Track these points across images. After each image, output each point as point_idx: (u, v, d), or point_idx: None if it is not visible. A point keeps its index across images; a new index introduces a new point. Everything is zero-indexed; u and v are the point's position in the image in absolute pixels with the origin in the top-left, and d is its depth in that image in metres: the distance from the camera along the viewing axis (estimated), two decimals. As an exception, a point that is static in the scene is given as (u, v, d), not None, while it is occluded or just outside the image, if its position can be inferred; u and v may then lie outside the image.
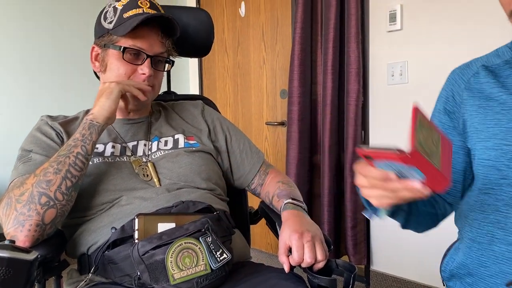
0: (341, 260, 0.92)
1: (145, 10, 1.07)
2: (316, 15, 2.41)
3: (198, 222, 0.90)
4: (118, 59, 1.07)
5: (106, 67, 1.09)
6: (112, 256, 0.92)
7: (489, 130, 0.85)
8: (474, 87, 0.90)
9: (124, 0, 1.08)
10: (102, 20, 1.09)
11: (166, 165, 1.09)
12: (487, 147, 0.84)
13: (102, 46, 1.09)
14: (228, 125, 1.28)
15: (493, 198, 0.83)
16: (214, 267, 0.86)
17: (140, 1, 1.08)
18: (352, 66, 2.20)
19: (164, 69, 1.16)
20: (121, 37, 1.05)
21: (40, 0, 2.55)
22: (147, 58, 1.07)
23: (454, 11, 1.98)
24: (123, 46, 1.05)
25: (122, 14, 1.06)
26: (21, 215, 0.88)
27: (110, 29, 1.07)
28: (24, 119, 2.36)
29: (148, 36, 1.07)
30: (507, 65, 0.88)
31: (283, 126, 2.73)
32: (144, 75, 1.07)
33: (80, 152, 0.95)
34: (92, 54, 1.12)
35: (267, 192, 1.20)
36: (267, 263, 1.16)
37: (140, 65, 1.08)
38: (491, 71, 0.90)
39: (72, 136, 0.99)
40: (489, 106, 0.86)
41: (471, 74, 0.92)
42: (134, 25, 1.01)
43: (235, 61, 3.02)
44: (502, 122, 0.83)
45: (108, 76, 1.09)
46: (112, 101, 1.01)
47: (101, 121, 1.00)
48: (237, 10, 2.95)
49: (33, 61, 2.54)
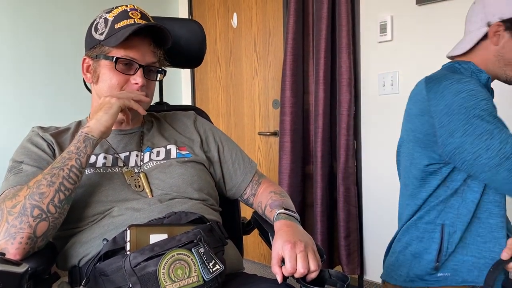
0: (334, 270, 0.92)
1: (136, 20, 1.07)
2: (307, 26, 2.44)
3: (191, 233, 0.89)
4: (110, 70, 1.07)
5: (98, 78, 1.09)
6: (104, 268, 0.91)
7: None
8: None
9: (115, 12, 1.08)
10: (93, 32, 1.09)
11: (158, 175, 1.09)
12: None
13: (94, 57, 1.09)
14: (220, 135, 1.28)
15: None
16: (206, 278, 0.86)
17: (131, 12, 1.09)
18: (344, 76, 2.22)
19: (156, 78, 1.16)
20: (113, 48, 1.05)
21: (32, 8, 2.54)
22: (139, 68, 1.08)
23: (444, 21, 2.01)
24: (115, 57, 1.05)
25: (113, 25, 1.06)
26: (12, 228, 0.87)
27: (102, 40, 1.07)
28: (15, 130, 2.34)
29: (140, 46, 1.08)
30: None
31: (275, 136, 2.74)
32: (137, 85, 1.07)
33: (74, 165, 0.95)
34: (83, 65, 1.12)
35: (260, 202, 1.20)
36: (260, 273, 1.16)
37: (133, 75, 1.08)
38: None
39: (66, 149, 0.99)
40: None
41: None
42: (126, 35, 1.01)
43: (227, 72, 3.03)
44: None
45: (100, 87, 1.09)
46: (109, 116, 1.00)
47: (96, 135, 0.99)
48: (229, 21, 2.97)
49: (25, 71, 2.53)
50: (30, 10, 2.54)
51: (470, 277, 1.14)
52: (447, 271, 1.15)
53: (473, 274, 1.13)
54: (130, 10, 1.09)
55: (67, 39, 2.68)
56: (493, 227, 1.13)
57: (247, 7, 2.85)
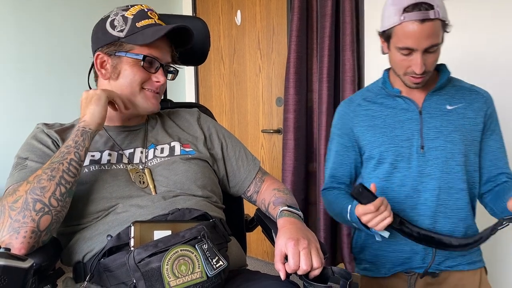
0: (337, 268, 0.92)
1: (156, 21, 1.11)
2: (311, 24, 2.43)
3: (194, 230, 0.89)
4: (133, 66, 1.09)
5: (119, 74, 1.10)
6: (108, 264, 0.91)
7: (381, 139, 1.29)
8: (361, 112, 1.33)
9: (133, 10, 1.11)
10: (110, 28, 1.10)
11: (162, 172, 1.10)
12: (382, 151, 1.29)
13: (113, 54, 1.10)
14: (224, 133, 1.28)
15: (391, 182, 1.29)
16: (210, 274, 0.86)
17: (149, 12, 1.12)
18: (347, 74, 2.22)
19: (169, 78, 1.20)
20: (136, 46, 1.08)
21: (35, 6, 2.54)
22: (160, 66, 1.11)
23: (448, 20, 1.99)
24: (143, 55, 1.08)
25: (134, 23, 1.08)
26: (16, 222, 0.88)
27: (122, 37, 1.08)
28: (20, 127, 2.35)
29: (162, 46, 1.12)
30: (379, 95, 1.34)
31: (279, 133, 2.74)
32: (159, 83, 1.12)
33: (73, 158, 0.96)
34: (97, 61, 1.12)
35: (263, 200, 1.20)
36: (263, 270, 1.16)
37: (154, 74, 1.11)
38: (369, 101, 1.34)
39: (64, 143, 1.00)
40: (376, 125, 1.30)
41: (355, 106, 1.35)
42: (160, 35, 1.05)
43: (231, 69, 3.03)
44: (387, 132, 1.29)
45: (121, 83, 1.10)
46: (102, 108, 1.03)
47: (93, 128, 1.01)
48: (233, 19, 2.97)
49: (29, 68, 2.53)
50: (34, 5, 2.54)
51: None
52: None
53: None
54: (148, 10, 1.12)
55: (71, 35, 2.68)
56: None
57: (251, 4, 2.84)
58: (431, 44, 1.15)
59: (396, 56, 1.21)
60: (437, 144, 1.25)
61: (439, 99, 1.29)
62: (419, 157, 1.26)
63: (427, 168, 1.26)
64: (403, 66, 1.21)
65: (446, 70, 1.31)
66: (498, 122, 1.33)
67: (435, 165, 1.25)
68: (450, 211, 1.26)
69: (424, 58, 1.17)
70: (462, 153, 1.25)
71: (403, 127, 1.28)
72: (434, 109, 1.28)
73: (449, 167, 1.25)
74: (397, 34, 1.17)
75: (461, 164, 1.25)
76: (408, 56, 1.18)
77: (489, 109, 1.29)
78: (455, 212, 1.26)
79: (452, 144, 1.25)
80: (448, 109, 1.28)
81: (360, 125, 1.32)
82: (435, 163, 1.25)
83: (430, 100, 1.29)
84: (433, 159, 1.25)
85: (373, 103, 1.33)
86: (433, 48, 1.16)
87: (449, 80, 1.32)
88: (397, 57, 1.21)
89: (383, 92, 1.34)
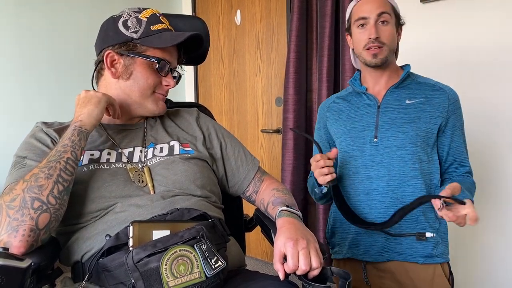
0: (336, 268, 0.92)
1: (168, 26, 1.14)
2: (311, 24, 2.43)
3: (193, 230, 0.89)
4: (146, 69, 1.11)
5: (130, 75, 1.11)
6: (106, 264, 0.91)
7: (342, 131, 1.43)
8: (332, 108, 1.49)
9: (146, 13, 1.13)
10: (122, 28, 1.10)
11: (161, 172, 1.09)
12: (341, 140, 1.42)
13: (125, 54, 1.10)
14: (223, 132, 1.28)
15: (347, 170, 1.40)
16: (209, 274, 0.86)
17: (161, 17, 1.15)
18: (347, 74, 2.22)
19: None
20: (149, 48, 1.10)
21: (35, 5, 2.54)
22: (170, 70, 1.14)
23: (448, 19, 2.00)
24: (159, 58, 1.10)
25: (149, 26, 1.11)
26: (14, 221, 0.87)
27: (136, 38, 1.09)
28: (19, 125, 2.35)
29: (173, 50, 1.15)
30: (351, 94, 1.48)
31: (278, 133, 2.74)
32: (168, 86, 1.15)
33: (70, 157, 0.96)
34: (107, 59, 1.12)
35: (262, 200, 1.20)
36: (262, 270, 1.16)
37: (165, 77, 1.14)
38: (341, 98, 1.49)
39: (59, 143, 1.00)
40: (341, 118, 1.45)
41: (330, 102, 1.52)
42: (180, 41, 1.09)
43: (230, 69, 3.03)
44: (347, 125, 1.42)
45: (131, 83, 1.12)
46: (100, 110, 1.04)
47: (89, 128, 1.02)
48: (233, 18, 2.97)
49: (29, 67, 2.53)
50: (35, 6, 2.54)
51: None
52: None
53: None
54: (159, 15, 1.15)
55: (72, 35, 2.67)
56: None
57: (250, 4, 2.84)
58: (381, 11, 1.31)
59: (355, 35, 1.36)
60: (389, 134, 1.34)
61: (401, 94, 1.37)
62: (371, 146, 1.35)
63: (379, 157, 1.34)
64: (361, 40, 1.34)
65: (407, 68, 1.41)
66: (462, 119, 1.38)
67: (386, 153, 1.34)
68: (402, 197, 1.32)
69: (377, 27, 1.31)
70: (413, 143, 1.31)
71: (361, 120, 1.39)
72: (392, 103, 1.37)
73: (400, 155, 1.32)
74: (354, 13, 1.36)
75: (411, 153, 1.32)
76: (364, 27, 1.33)
77: (451, 106, 1.34)
78: (408, 199, 1.29)
79: (403, 134, 1.32)
80: (406, 104, 1.36)
81: (330, 119, 1.48)
82: (386, 152, 1.34)
83: (391, 96, 1.38)
84: (384, 148, 1.34)
85: (343, 100, 1.48)
86: (384, 16, 1.31)
87: (409, 75, 1.41)
88: (356, 35, 1.36)
89: (353, 90, 1.47)
